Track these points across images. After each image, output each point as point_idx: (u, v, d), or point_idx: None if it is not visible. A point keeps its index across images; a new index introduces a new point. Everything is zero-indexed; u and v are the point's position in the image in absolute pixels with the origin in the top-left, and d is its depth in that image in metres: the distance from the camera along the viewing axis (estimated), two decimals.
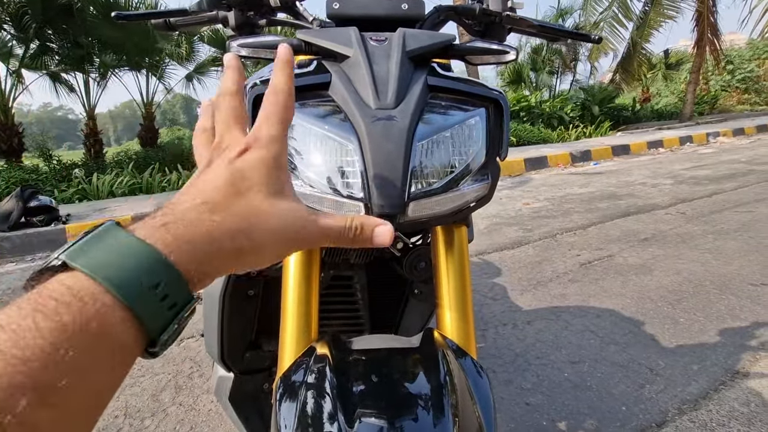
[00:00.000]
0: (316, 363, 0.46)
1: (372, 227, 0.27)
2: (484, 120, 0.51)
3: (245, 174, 0.26)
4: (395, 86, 0.46)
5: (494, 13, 0.65)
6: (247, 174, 0.26)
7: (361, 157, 0.44)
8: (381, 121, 0.44)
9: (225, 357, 0.75)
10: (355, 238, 0.27)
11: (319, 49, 0.52)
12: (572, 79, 13.04)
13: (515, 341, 1.61)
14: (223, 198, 0.25)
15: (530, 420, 1.19)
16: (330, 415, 0.41)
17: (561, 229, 2.96)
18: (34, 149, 7.57)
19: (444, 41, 0.53)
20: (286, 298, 0.53)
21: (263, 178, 0.26)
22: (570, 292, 1.99)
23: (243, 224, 0.25)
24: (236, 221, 0.24)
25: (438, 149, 0.47)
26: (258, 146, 0.27)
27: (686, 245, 2.47)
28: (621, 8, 10.15)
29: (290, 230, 0.26)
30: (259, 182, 0.26)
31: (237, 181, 0.25)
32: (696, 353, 1.45)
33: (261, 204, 0.25)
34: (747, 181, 4.00)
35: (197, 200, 0.24)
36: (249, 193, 0.25)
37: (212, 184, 0.25)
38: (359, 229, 0.27)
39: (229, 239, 0.24)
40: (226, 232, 0.24)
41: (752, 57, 14.87)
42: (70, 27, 6.82)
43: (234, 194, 0.25)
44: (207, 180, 0.26)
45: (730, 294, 1.85)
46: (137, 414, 1.32)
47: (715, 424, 1.13)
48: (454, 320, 0.54)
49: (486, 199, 0.51)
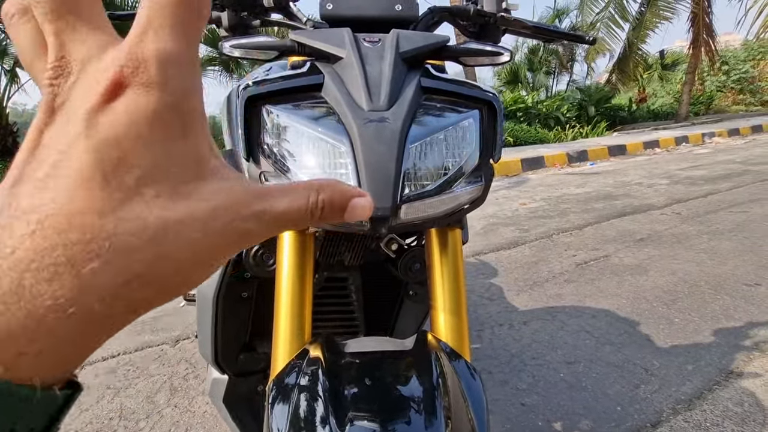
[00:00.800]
0: (308, 365, 0.46)
1: (346, 200, 0.17)
2: (477, 122, 0.51)
3: (123, 149, 0.13)
4: (388, 88, 0.46)
5: (489, 15, 0.65)
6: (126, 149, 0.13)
7: (353, 159, 0.44)
8: (373, 122, 0.44)
9: (219, 359, 0.74)
10: (324, 216, 0.16)
11: (312, 50, 0.52)
12: (569, 79, 13.09)
13: (511, 342, 1.61)
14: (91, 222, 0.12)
15: (526, 420, 1.20)
16: (322, 418, 0.41)
17: (557, 230, 2.97)
18: None
19: (438, 42, 0.53)
20: (280, 300, 0.53)
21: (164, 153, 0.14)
22: (566, 292, 2.00)
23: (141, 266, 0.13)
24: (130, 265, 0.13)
25: (431, 151, 0.47)
26: (142, 81, 0.13)
27: (681, 245, 2.49)
28: (617, 9, 10.20)
29: (221, 240, 0.15)
30: (156, 165, 0.13)
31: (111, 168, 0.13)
32: (690, 353, 1.45)
33: (168, 212, 0.14)
34: (742, 181, 4.02)
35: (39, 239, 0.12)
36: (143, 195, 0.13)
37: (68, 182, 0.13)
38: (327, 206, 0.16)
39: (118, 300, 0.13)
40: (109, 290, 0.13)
41: (747, 58, 14.97)
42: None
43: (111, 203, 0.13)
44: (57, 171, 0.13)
45: (724, 294, 1.86)
46: (132, 416, 1.31)
47: (709, 423, 1.13)
48: (448, 322, 0.54)
49: (479, 201, 0.51)
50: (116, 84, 0.13)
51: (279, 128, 0.47)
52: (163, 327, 1.83)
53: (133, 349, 1.68)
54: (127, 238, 0.13)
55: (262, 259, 0.65)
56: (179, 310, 1.93)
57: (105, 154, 0.13)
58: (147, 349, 1.68)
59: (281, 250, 0.55)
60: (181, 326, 1.82)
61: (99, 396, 1.41)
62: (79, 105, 0.13)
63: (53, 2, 0.14)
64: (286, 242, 0.54)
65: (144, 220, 0.13)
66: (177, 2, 0.14)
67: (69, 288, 0.12)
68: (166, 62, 0.14)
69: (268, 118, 0.48)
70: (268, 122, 0.48)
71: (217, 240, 0.15)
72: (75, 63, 0.14)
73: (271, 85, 0.48)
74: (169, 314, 1.93)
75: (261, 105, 0.48)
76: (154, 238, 0.13)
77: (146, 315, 1.44)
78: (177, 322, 1.86)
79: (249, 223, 0.15)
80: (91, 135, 0.13)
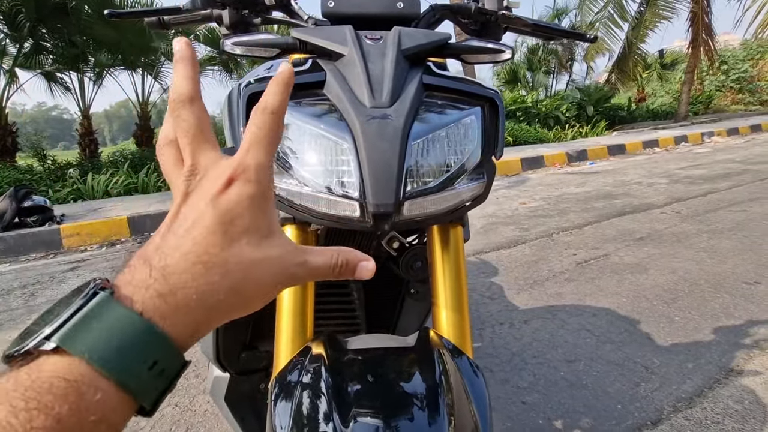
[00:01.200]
0: (311, 363, 0.46)
1: (356, 262, 0.26)
2: (479, 119, 0.51)
3: (234, 216, 0.22)
4: (390, 85, 0.46)
5: (490, 12, 0.65)
6: (236, 216, 0.22)
7: (356, 156, 0.44)
8: (376, 119, 0.44)
9: (221, 357, 0.74)
10: (340, 273, 0.26)
11: (314, 48, 0.52)
12: (568, 79, 13.10)
13: (512, 340, 1.61)
14: (215, 252, 0.22)
15: (526, 419, 1.20)
16: (325, 415, 0.41)
17: (557, 229, 2.97)
18: (29, 149, 7.53)
19: (439, 40, 0.53)
20: (282, 299, 0.53)
21: (254, 219, 0.23)
22: (566, 291, 2.00)
23: (238, 281, 0.22)
24: (232, 278, 0.22)
25: (433, 148, 0.47)
26: (245, 178, 0.23)
27: (681, 244, 2.49)
28: (616, 8, 10.21)
29: (281, 276, 0.24)
30: (250, 225, 0.23)
31: (227, 226, 0.22)
32: (691, 351, 1.46)
33: (254, 253, 0.23)
34: (741, 180, 4.03)
35: (191, 257, 0.22)
36: (241, 241, 0.22)
37: (199, 232, 0.22)
38: (344, 265, 0.26)
39: (224, 298, 0.22)
40: (221, 293, 0.22)
41: (746, 57, 14.99)
42: (65, 26, 6.77)
43: (226, 244, 0.22)
44: (192, 225, 0.22)
45: (724, 292, 1.86)
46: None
47: (709, 421, 1.14)
48: (449, 319, 0.54)
49: (481, 198, 0.51)
50: (231, 179, 0.23)
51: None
52: None
53: None
54: (232, 265, 0.22)
55: None
56: None
57: (223, 217, 0.22)
58: None
59: None
60: None
61: None
62: (206, 191, 0.23)
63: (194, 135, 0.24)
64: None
65: (240, 257, 0.22)
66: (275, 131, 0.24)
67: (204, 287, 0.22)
68: (259, 169, 0.23)
69: None
70: None
71: (277, 276, 0.24)
72: (201, 168, 0.24)
73: None
74: None
75: None
76: (245, 268, 0.23)
77: None
78: None
79: (297, 268, 0.24)
80: (215, 206, 0.22)
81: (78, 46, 7.05)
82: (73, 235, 3.47)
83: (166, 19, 0.66)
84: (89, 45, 7.23)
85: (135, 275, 0.21)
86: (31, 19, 6.45)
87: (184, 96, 0.24)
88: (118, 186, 5.46)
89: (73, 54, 7.17)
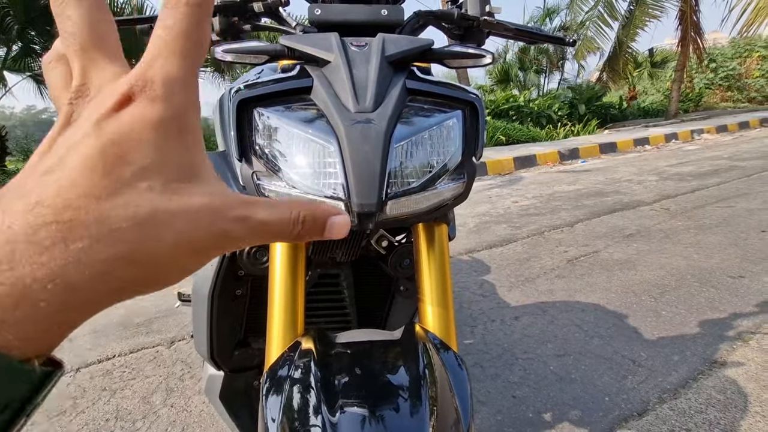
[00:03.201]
0: (301, 357, 0.48)
1: (324, 217, 0.19)
2: (460, 121, 0.53)
3: (126, 150, 0.15)
4: (374, 90, 0.48)
5: (472, 18, 0.67)
6: (129, 150, 0.15)
7: (341, 158, 0.46)
8: (360, 123, 0.46)
9: (214, 355, 0.76)
10: (303, 232, 0.18)
11: (302, 54, 0.54)
12: (560, 78, 13.21)
13: (503, 336, 1.64)
14: (86, 205, 0.14)
15: (517, 412, 1.22)
16: (314, 407, 0.43)
17: (549, 226, 3.01)
18: (18, 153, 7.45)
19: (422, 46, 0.55)
20: (273, 296, 0.55)
21: (160, 155, 0.16)
22: (557, 287, 2.03)
23: (129, 247, 0.15)
24: (116, 245, 0.15)
25: (416, 150, 0.50)
26: (148, 96, 0.16)
27: (669, 240, 2.54)
28: (606, 8, 10.31)
29: (209, 235, 0.17)
30: (152, 164, 0.16)
31: (112, 164, 0.15)
32: (677, 344, 1.49)
33: (160, 202, 0.16)
34: (729, 177, 4.10)
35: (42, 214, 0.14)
36: (138, 185, 0.15)
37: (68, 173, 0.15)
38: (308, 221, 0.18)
39: (104, 277, 0.15)
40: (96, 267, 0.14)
41: (734, 55, 15.20)
42: (54, 29, 6.67)
43: (109, 190, 0.15)
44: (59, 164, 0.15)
45: (710, 287, 1.90)
46: (128, 417, 1.32)
47: (693, 411, 1.17)
48: (435, 314, 0.56)
49: (462, 197, 0.53)
50: (126, 97, 0.16)
51: (270, 130, 0.49)
52: (159, 329, 1.83)
53: (128, 351, 1.68)
54: (117, 222, 0.15)
55: (256, 257, 0.67)
56: (174, 311, 1.94)
57: (107, 150, 0.15)
58: (142, 350, 1.69)
59: (274, 247, 0.57)
60: (176, 328, 1.83)
61: (95, 398, 1.42)
62: (90, 115, 0.16)
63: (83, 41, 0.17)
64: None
65: (135, 208, 0.15)
66: (182, 36, 0.17)
67: (57, 260, 0.14)
68: (171, 82, 0.16)
69: (260, 120, 0.50)
70: (260, 124, 0.50)
71: (201, 235, 0.17)
72: (93, 87, 0.17)
73: (262, 88, 0.50)
74: (165, 316, 1.93)
75: (252, 107, 0.50)
76: (142, 223, 0.15)
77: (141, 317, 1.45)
78: (172, 324, 1.86)
79: (232, 225, 0.17)
80: (98, 135, 0.15)
81: None
82: None
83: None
84: None
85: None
86: (20, 21, 6.39)
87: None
88: None
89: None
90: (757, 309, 1.68)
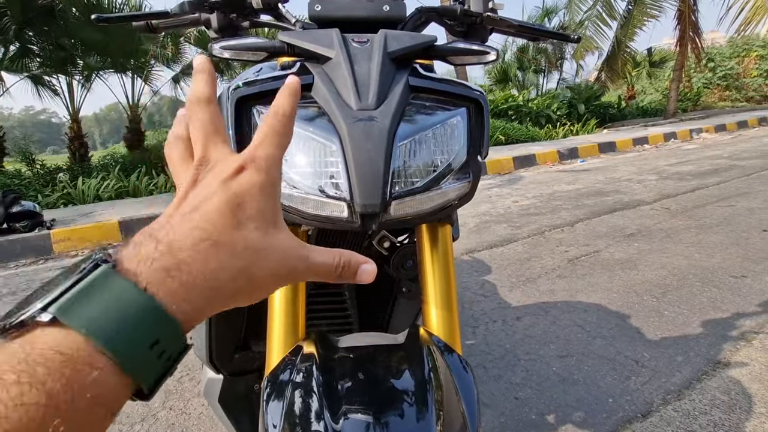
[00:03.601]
0: (302, 361, 0.46)
1: (358, 265, 0.26)
2: (465, 119, 0.52)
3: (244, 200, 0.23)
4: (376, 87, 0.47)
5: (475, 14, 0.66)
6: (245, 200, 0.23)
7: (343, 157, 0.44)
8: (362, 121, 0.45)
9: (214, 359, 0.75)
10: (341, 275, 0.25)
11: (302, 51, 0.53)
12: (559, 77, 13.21)
13: (505, 337, 1.63)
14: (224, 230, 0.22)
15: (520, 414, 1.21)
16: (316, 413, 0.42)
17: (549, 226, 3.00)
18: (16, 153, 7.41)
19: (425, 42, 0.54)
20: (273, 298, 0.53)
21: (263, 206, 0.23)
22: (558, 287, 2.02)
23: (244, 263, 0.22)
24: (239, 259, 0.22)
25: (420, 149, 0.48)
26: (255, 168, 0.23)
27: (670, 240, 2.53)
28: (605, 7, 10.31)
29: (286, 267, 0.24)
30: (259, 212, 0.23)
31: (236, 208, 0.22)
32: (680, 345, 1.48)
33: (261, 238, 0.23)
34: (729, 176, 4.10)
35: (197, 234, 0.21)
36: (249, 225, 0.23)
37: (208, 210, 0.22)
38: (347, 266, 0.25)
39: (230, 280, 0.22)
40: (228, 272, 0.22)
41: (732, 55, 15.22)
42: (52, 29, 6.69)
43: (234, 225, 0.22)
44: (201, 204, 0.22)
45: (712, 286, 1.89)
46: (126, 419, 1.31)
47: (697, 412, 1.16)
48: (439, 317, 0.55)
49: (468, 197, 0.52)
50: (241, 167, 0.23)
51: None
52: None
53: None
54: (241, 245, 0.22)
55: None
56: None
57: (232, 200, 0.22)
58: None
59: None
60: None
61: None
62: (216, 176, 0.23)
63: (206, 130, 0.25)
64: None
65: (247, 241, 0.22)
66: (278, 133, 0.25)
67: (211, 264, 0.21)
68: (269, 160, 0.24)
69: (259, 118, 0.48)
70: (259, 122, 0.48)
71: (283, 266, 0.24)
72: (212, 160, 0.24)
73: (261, 85, 0.48)
74: None
75: (251, 105, 0.49)
76: (253, 253, 0.23)
77: None
78: None
79: (298, 262, 0.24)
80: (224, 190, 0.23)
81: (66, 49, 6.96)
82: (63, 240, 3.43)
83: (155, 23, 0.66)
84: (77, 48, 7.14)
85: (140, 249, 0.21)
86: (17, 21, 6.37)
87: (202, 97, 0.25)
88: (109, 190, 5.41)
89: (61, 57, 7.08)
90: (760, 308, 1.67)
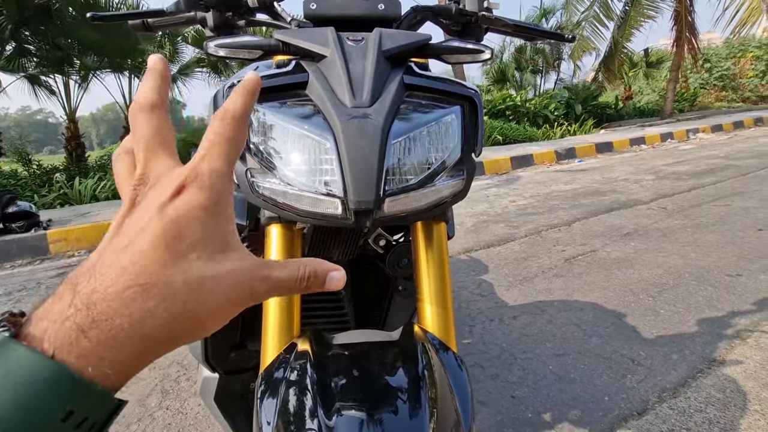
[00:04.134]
0: (297, 359, 0.47)
1: (325, 273, 0.23)
2: (459, 117, 0.52)
3: (182, 227, 0.20)
4: (371, 85, 0.47)
5: (470, 14, 0.66)
6: (184, 227, 0.20)
7: (337, 155, 0.45)
8: (356, 119, 0.45)
9: (209, 358, 0.74)
10: (308, 286, 0.23)
11: (297, 49, 0.53)
12: (556, 78, 13.24)
13: (501, 336, 1.63)
14: (156, 270, 0.19)
15: (516, 412, 1.22)
16: (310, 410, 0.42)
17: (546, 226, 3.01)
18: (13, 153, 7.38)
19: (420, 41, 0.54)
20: None
21: (205, 231, 0.20)
22: (555, 286, 2.03)
23: (181, 302, 0.19)
24: (177, 301, 0.19)
25: (414, 146, 0.48)
26: (197, 186, 0.20)
27: (667, 239, 2.54)
28: (602, 8, 10.35)
29: (241, 291, 0.21)
30: (201, 238, 0.20)
31: (171, 240, 0.19)
32: (675, 343, 1.49)
33: (205, 269, 0.20)
34: (725, 175, 4.12)
35: (123, 280, 0.18)
36: (189, 256, 0.20)
37: (140, 247, 0.19)
38: (312, 276, 0.23)
39: (163, 326, 0.19)
40: (160, 319, 0.19)
41: (728, 55, 15.30)
42: (48, 28, 6.66)
43: (171, 261, 0.19)
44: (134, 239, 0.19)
45: (708, 285, 1.90)
46: (122, 420, 1.30)
47: (693, 410, 1.17)
48: (434, 314, 0.55)
49: (461, 194, 0.52)
50: (181, 186, 0.20)
51: (265, 126, 0.48)
52: None
53: None
54: (177, 285, 0.19)
55: None
56: None
57: (168, 230, 0.19)
58: None
59: (269, 246, 0.55)
60: None
61: None
62: (153, 201, 0.20)
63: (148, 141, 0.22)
64: (273, 239, 0.55)
65: (188, 274, 0.20)
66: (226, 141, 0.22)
67: (137, 313, 0.18)
68: (214, 175, 0.21)
69: (254, 116, 0.49)
70: (254, 120, 0.48)
71: (236, 293, 0.21)
72: (153, 177, 0.21)
73: None
74: None
75: None
76: (194, 287, 0.20)
77: None
78: None
79: (258, 283, 0.22)
80: (160, 218, 0.20)
81: (62, 48, 6.93)
82: (60, 240, 3.42)
83: (150, 21, 0.66)
84: (74, 47, 7.11)
85: (54, 306, 0.18)
86: (14, 21, 6.33)
87: (146, 103, 0.22)
88: (106, 190, 5.39)
89: (58, 57, 7.05)
90: (755, 307, 1.68)
